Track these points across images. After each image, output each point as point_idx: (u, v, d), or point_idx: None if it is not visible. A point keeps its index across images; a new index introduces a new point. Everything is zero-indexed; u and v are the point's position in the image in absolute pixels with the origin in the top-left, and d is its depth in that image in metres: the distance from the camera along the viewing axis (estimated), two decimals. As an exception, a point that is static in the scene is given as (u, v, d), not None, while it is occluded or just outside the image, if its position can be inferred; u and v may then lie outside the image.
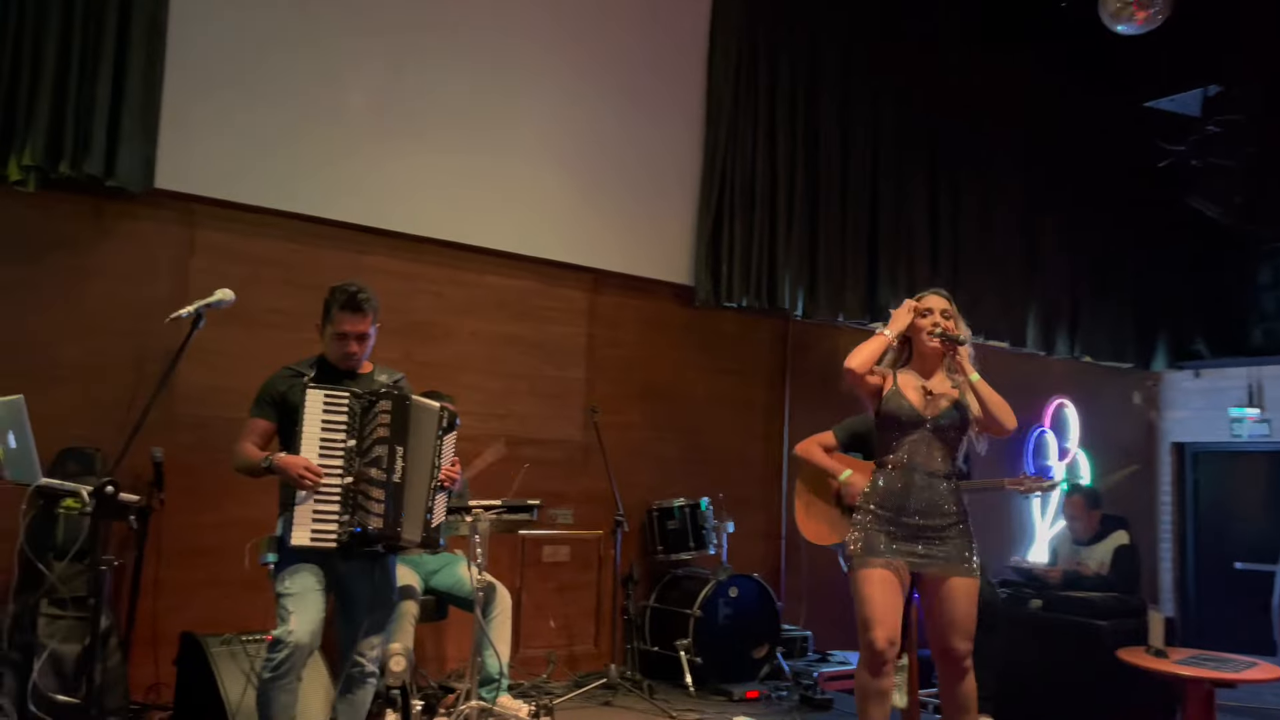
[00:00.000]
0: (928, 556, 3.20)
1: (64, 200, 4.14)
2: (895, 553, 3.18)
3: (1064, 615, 4.56)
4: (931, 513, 3.22)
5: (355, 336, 3.27)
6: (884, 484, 3.27)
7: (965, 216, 7.03)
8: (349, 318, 3.25)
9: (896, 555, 3.18)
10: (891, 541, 3.20)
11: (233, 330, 4.34)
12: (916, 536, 3.21)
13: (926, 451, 3.26)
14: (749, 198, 6.01)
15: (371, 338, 3.33)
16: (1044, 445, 7.69)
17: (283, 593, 3.11)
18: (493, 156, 5.24)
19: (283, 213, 4.64)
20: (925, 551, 3.20)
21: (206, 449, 4.23)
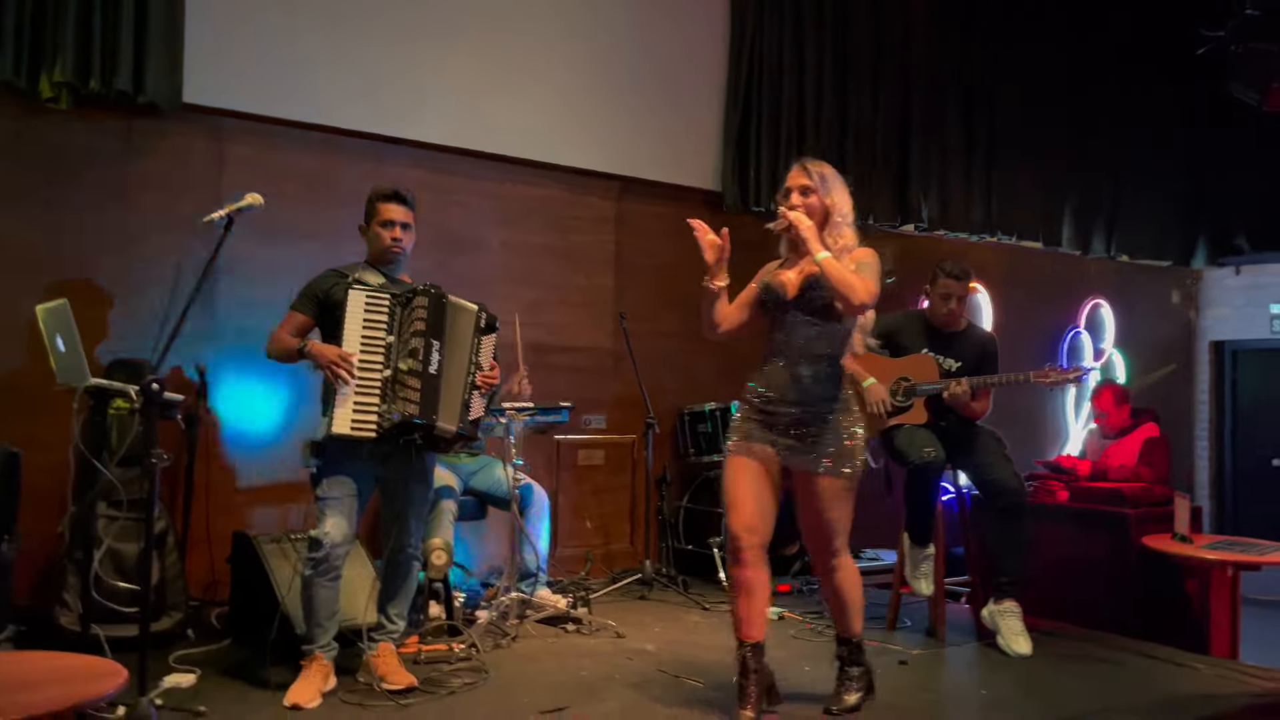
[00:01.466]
0: (792, 450, 3.03)
1: (97, 117, 4.22)
2: (764, 440, 3.04)
3: (1090, 504, 4.61)
4: (805, 401, 3.03)
5: (401, 224, 3.39)
6: (764, 372, 3.12)
7: (1001, 111, 6.89)
8: (394, 206, 3.40)
9: (764, 444, 3.03)
10: (763, 430, 3.05)
11: (267, 243, 4.44)
12: (789, 427, 3.03)
13: (801, 336, 3.07)
14: (776, 99, 5.94)
15: (414, 234, 3.44)
16: (1079, 346, 7.65)
17: (321, 495, 3.26)
18: (515, 63, 5.22)
19: (311, 125, 4.69)
20: (790, 445, 3.03)
21: (248, 357, 4.35)
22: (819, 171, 3.14)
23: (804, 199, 3.10)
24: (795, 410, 3.02)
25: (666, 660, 3.77)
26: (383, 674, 3.29)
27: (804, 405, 3.02)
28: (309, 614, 3.26)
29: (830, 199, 3.09)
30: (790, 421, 3.02)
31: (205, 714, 2.98)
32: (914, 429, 4.18)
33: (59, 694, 1.85)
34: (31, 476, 3.51)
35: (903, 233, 6.67)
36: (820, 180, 3.12)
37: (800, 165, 3.17)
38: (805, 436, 3.02)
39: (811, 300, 3.05)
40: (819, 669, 3.67)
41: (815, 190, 3.10)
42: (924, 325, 4.38)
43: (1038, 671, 3.78)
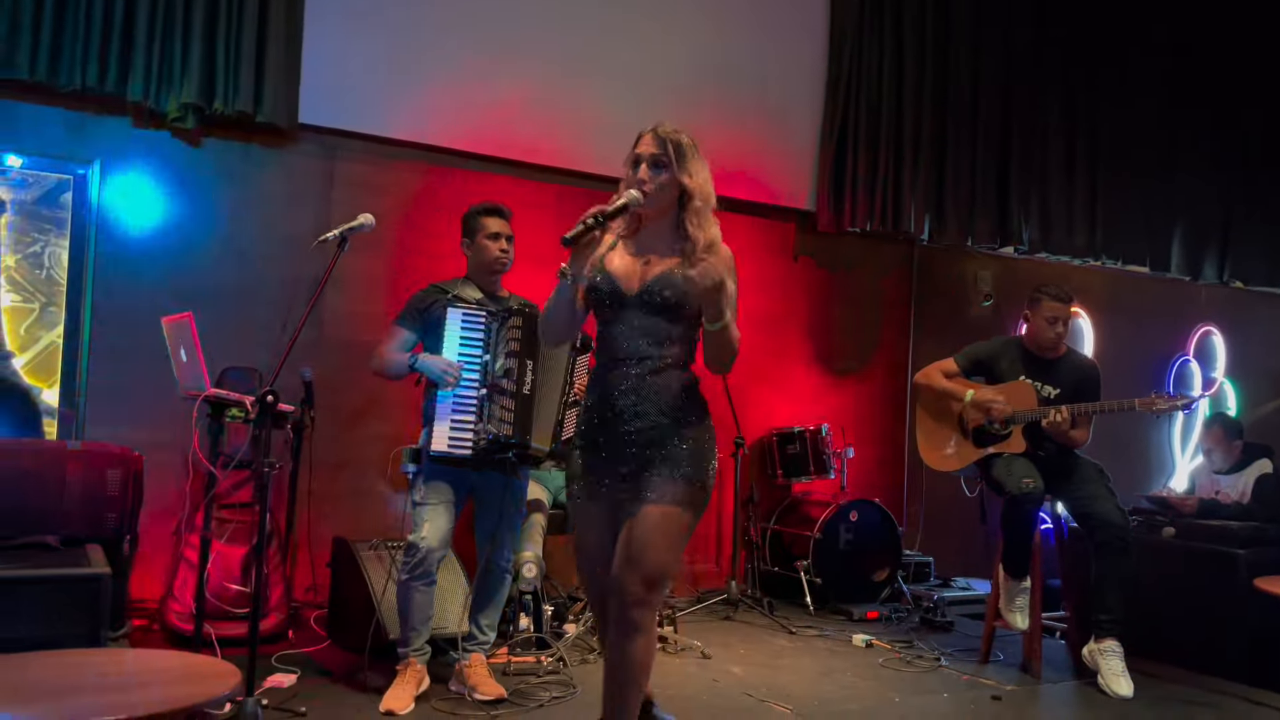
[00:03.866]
0: (628, 480, 2.46)
1: (219, 136, 4.43)
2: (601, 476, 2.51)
3: (1198, 543, 4.43)
4: (642, 416, 2.45)
5: (506, 236, 3.49)
6: (593, 386, 2.56)
7: (1106, 131, 6.69)
8: (496, 220, 3.51)
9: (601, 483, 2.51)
10: (599, 462, 2.51)
11: (371, 259, 4.60)
12: (625, 450, 2.47)
13: (640, 335, 2.48)
14: (874, 118, 5.89)
15: (513, 247, 3.54)
16: (1186, 374, 7.37)
17: (418, 501, 3.35)
18: (611, 82, 5.29)
19: (415, 144, 4.83)
20: (627, 471, 2.47)
21: (351, 369, 4.50)
22: (675, 140, 2.51)
23: (654, 176, 2.49)
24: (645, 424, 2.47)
25: (753, 684, 3.75)
26: (474, 684, 3.35)
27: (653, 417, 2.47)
28: (404, 618, 3.35)
29: (689, 177, 2.50)
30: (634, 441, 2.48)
31: (305, 715, 3.09)
32: (1012, 458, 4.09)
33: (179, 693, 1.95)
34: (148, 479, 3.69)
35: (1002, 255, 6.54)
36: (675, 152, 2.50)
37: (653, 131, 2.53)
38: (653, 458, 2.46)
39: (664, 286, 2.48)
40: (908, 701, 3.61)
41: (668, 165, 2.50)
42: (1021, 352, 4.28)
43: (1138, 714, 3.65)
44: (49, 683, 1.99)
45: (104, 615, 2.42)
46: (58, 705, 1.88)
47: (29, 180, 4.14)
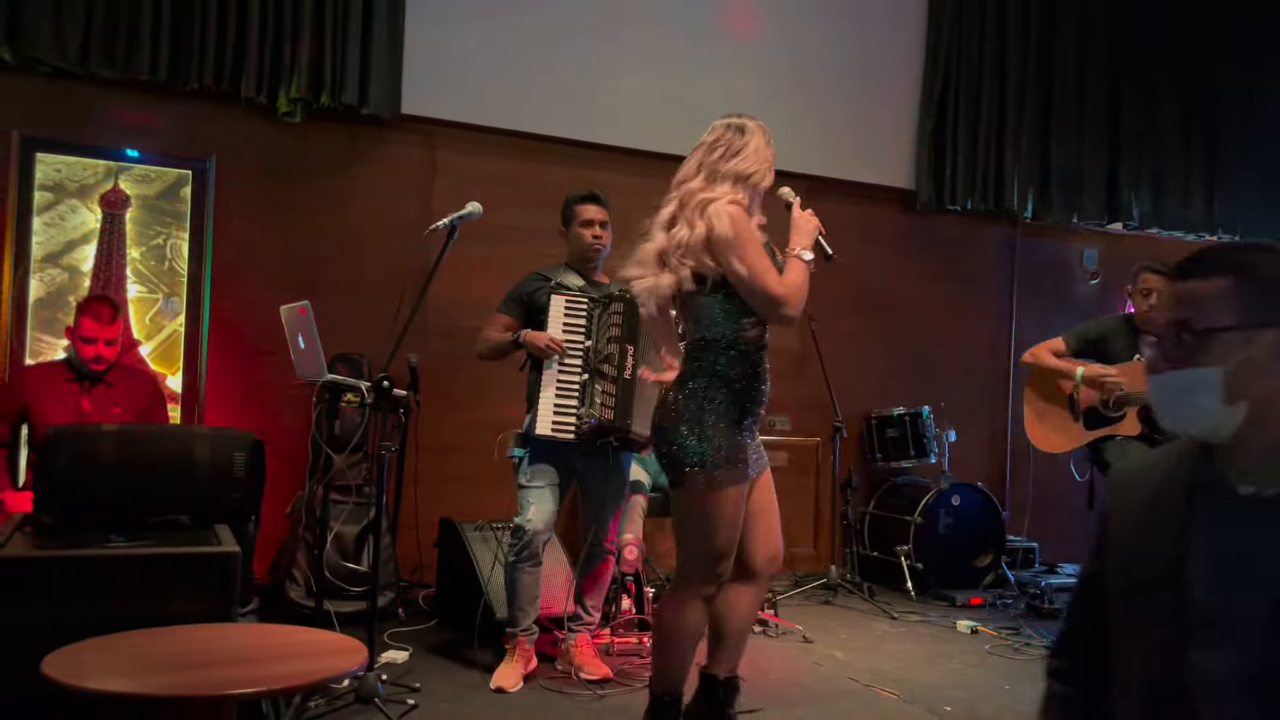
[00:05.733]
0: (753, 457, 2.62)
1: (324, 129, 4.56)
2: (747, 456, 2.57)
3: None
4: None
5: (600, 223, 3.51)
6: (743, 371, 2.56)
7: (1222, 99, 6.37)
8: (591, 207, 3.54)
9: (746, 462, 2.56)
10: (744, 444, 2.57)
11: (473, 246, 4.64)
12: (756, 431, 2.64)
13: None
14: (974, 95, 5.74)
15: (610, 233, 3.55)
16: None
17: (524, 485, 3.41)
18: (707, 66, 5.27)
19: (514, 132, 4.90)
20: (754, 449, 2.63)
21: (454, 356, 4.59)
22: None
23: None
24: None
25: (857, 668, 3.73)
26: (580, 663, 3.41)
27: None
28: (512, 598, 3.43)
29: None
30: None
31: (420, 690, 3.18)
32: (1126, 441, 3.97)
33: (310, 668, 2.02)
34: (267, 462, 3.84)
35: (1110, 231, 6.31)
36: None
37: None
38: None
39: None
40: (1020, 689, 3.54)
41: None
42: (1133, 330, 4.14)
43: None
44: (187, 656, 2.09)
45: (235, 592, 2.52)
46: (197, 678, 1.98)
47: (151, 176, 4.33)
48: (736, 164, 2.61)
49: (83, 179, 4.21)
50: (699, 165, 2.65)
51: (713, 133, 2.69)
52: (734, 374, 2.52)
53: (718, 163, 2.62)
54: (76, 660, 1.98)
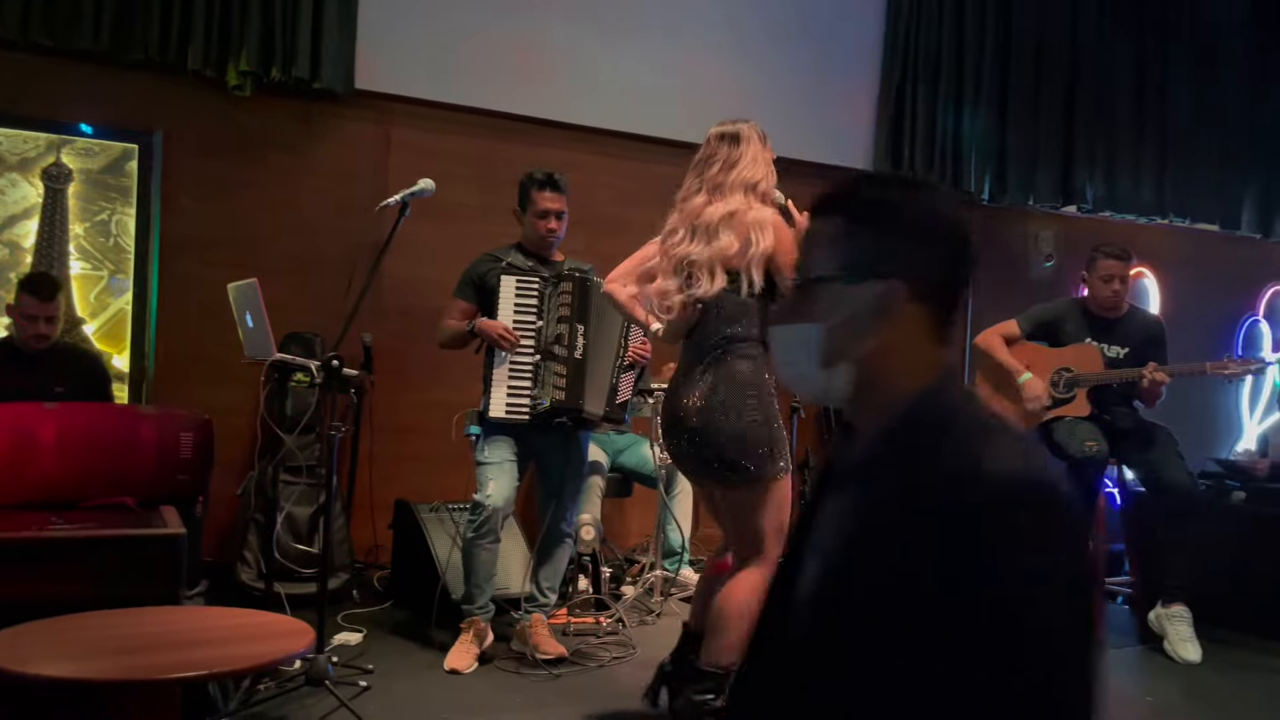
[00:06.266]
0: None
1: (276, 103, 4.46)
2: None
3: (1269, 507, 4.33)
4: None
5: (555, 214, 3.46)
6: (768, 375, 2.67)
7: (1176, 84, 6.45)
8: (549, 195, 3.47)
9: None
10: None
11: (428, 224, 4.59)
12: None
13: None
14: (933, 75, 5.76)
15: (565, 220, 3.52)
16: (1256, 336, 7.16)
17: (482, 461, 3.39)
18: (663, 42, 5.24)
19: (470, 109, 4.83)
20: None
21: (410, 335, 4.54)
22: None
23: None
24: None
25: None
26: (536, 643, 3.40)
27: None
28: (469, 576, 3.41)
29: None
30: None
31: (373, 672, 3.16)
32: (1075, 422, 4.02)
33: (256, 650, 2.00)
34: (216, 442, 3.77)
35: (1064, 214, 6.38)
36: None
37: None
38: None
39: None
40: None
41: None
42: (1084, 313, 4.19)
43: (1206, 680, 3.59)
44: (129, 640, 2.05)
45: (181, 574, 2.48)
46: (139, 661, 1.94)
47: (95, 150, 4.22)
48: (739, 174, 2.64)
49: (23, 152, 4.09)
50: (699, 182, 2.68)
51: (706, 148, 2.72)
52: (766, 367, 2.60)
53: (718, 176, 2.65)
54: (16, 644, 1.93)
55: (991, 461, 1.00)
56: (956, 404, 1.08)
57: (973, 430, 1.04)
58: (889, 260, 1.07)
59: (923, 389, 1.08)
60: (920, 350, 1.09)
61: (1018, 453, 1.03)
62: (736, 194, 2.62)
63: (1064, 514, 1.00)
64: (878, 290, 1.07)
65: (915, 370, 1.09)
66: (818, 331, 1.09)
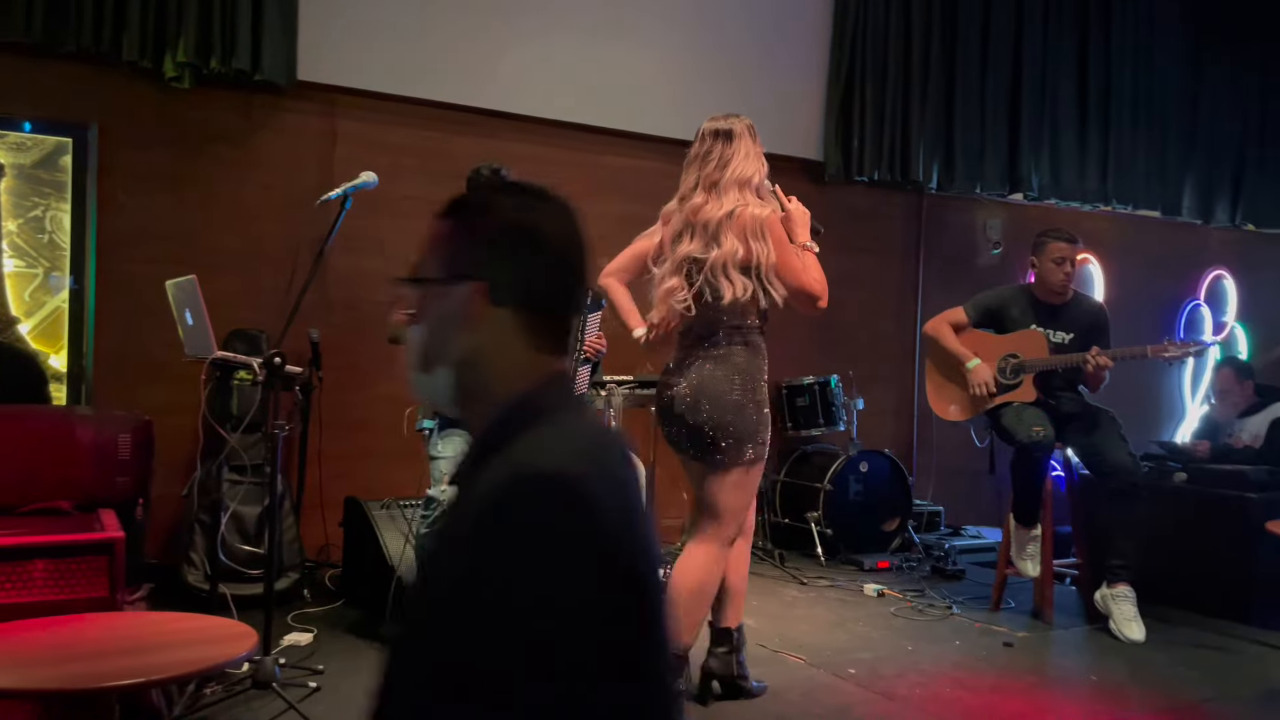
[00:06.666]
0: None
1: (216, 96, 4.37)
2: None
3: (1211, 488, 4.43)
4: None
5: None
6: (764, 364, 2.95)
7: (1118, 74, 6.57)
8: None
9: None
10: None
11: (376, 217, 4.54)
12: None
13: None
14: (881, 65, 5.80)
15: None
16: (1197, 320, 7.32)
17: (436, 455, 3.36)
18: (612, 35, 5.21)
19: (417, 100, 4.77)
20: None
21: (358, 330, 4.48)
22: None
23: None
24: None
25: (766, 634, 3.77)
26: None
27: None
28: None
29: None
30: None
31: (323, 672, 3.11)
32: (1022, 407, 4.08)
33: (197, 655, 1.95)
34: (158, 442, 3.69)
35: (1011, 202, 6.46)
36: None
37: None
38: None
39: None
40: (922, 649, 3.64)
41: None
42: (1030, 299, 4.25)
43: (1150, 658, 3.67)
44: (67, 648, 2.00)
45: (120, 579, 2.43)
46: (76, 670, 1.89)
47: (27, 144, 4.10)
48: (733, 171, 2.78)
49: (-48, 147, 3.96)
50: (696, 180, 2.83)
51: (702, 143, 2.85)
52: (762, 355, 2.87)
53: (714, 173, 2.80)
54: (-56, 656, 1.87)
55: (532, 462, 0.98)
56: (545, 409, 1.06)
57: (546, 435, 1.03)
58: (475, 263, 1.08)
59: (518, 394, 1.07)
60: (516, 356, 1.09)
61: (573, 455, 1.00)
62: (732, 191, 2.77)
63: (587, 520, 0.95)
64: (464, 293, 1.07)
65: (511, 376, 1.08)
66: (419, 333, 1.10)
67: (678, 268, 2.84)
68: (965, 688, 3.25)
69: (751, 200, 2.79)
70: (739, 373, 2.79)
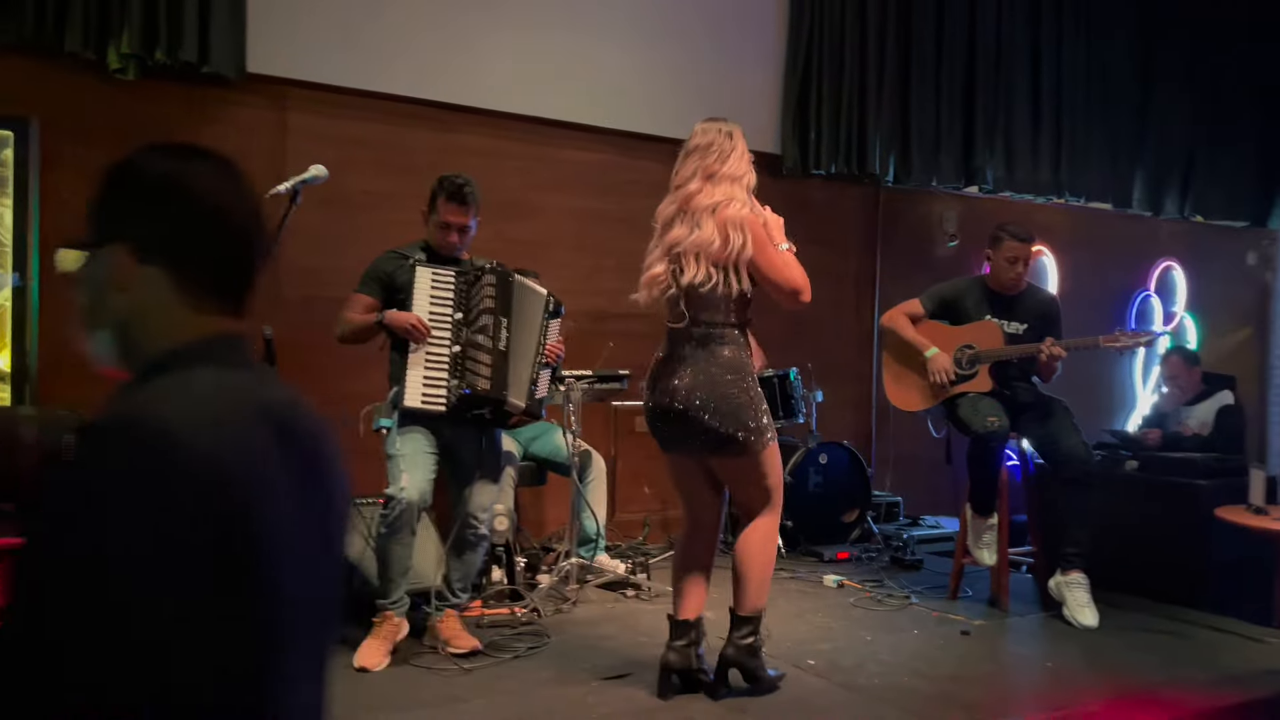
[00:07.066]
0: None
1: (163, 88, 4.28)
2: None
3: (1161, 476, 4.50)
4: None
5: (458, 228, 3.41)
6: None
7: (1070, 68, 6.66)
8: (453, 209, 3.40)
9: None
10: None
11: (330, 212, 4.48)
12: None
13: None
14: (837, 59, 5.82)
15: (472, 230, 3.46)
16: (1148, 310, 7.45)
17: (394, 454, 3.32)
18: (569, 26, 5.19)
19: (371, 93, 4.71)
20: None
21: (312, 327, 4.39)
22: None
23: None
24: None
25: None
26: (448, 638, 3.35)
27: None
28: (383, 570, 3.34)
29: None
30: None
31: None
32: (978, 398, 4.12)
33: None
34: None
35: (966, 194, 6.53)
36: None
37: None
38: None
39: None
40: (880, 639, 3.66)
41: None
42: (985, 290, 4.29)
43: (1103, 644, 3.73)
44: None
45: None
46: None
47: (-34, 138, 3.98)
48: (730, 166, 2.91)
49: (-114, 141, 3.84)
50: (695, 169, 2.92)
51: (705, 135, 2.96)
52: (748, 348, 2.99)
53: (713, 165, 2.91)
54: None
55: (120, 410, 0.98)
56: (187, 364, 1.05)
57: (160, 386, 1.02)
58: (122, 223, 1.07)
59: (165, 352, 1.07)
60: (171, 315, 1.07)
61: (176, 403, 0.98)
62: (724, 184, 2.89)
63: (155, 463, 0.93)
64: (113, 253, 1.07)
65: (163, 335, 1.07)
66: (81, 296, 1.10)
67: (665, 254, 2.94)
68: (923, 677, 3.28)
69: (739, 196, 2.90)
70: (731, 368, 2.90)
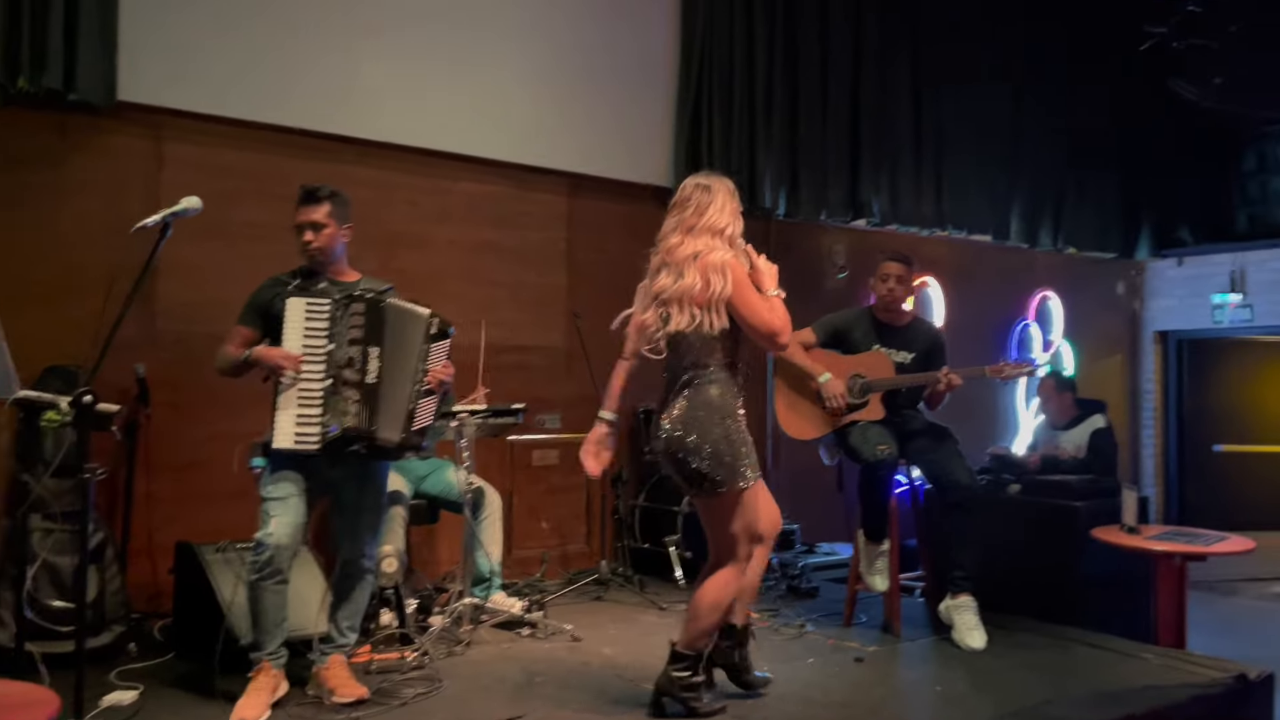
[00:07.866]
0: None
1: (26, 117, 4.07)
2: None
3: (1040, 498, 4.66)
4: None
5: (309, 225, 3.28)
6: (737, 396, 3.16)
7: (949, 107, 6.93)
8: (302, 208, 3.31)
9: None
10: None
11: (209, 245, 4.32)
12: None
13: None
14: (727, 94, 5.92)
15: (333, 230, 3.30)
16: (1028, 338, 7.75)
17: (266, 496, 3.19)
18: (460, 59, 5.15)
19: (252, 123, 4.57)
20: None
21: (189, 363, 4.24)
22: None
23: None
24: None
25: (624, 664, 3.73)
26: (333, 686, 3.22)
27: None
28: (256, 620, 3.19)
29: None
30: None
31: (147, 733, 2.89)
32: (868, 426, 4.20)
33: (-16, 726, 1.77)
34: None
35: (855, 228, 6.70)
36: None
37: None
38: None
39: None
40: (775, 669, 3.66)
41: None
42: (873, 321, 4.40)
43: (990, 665, 3.81)
44: None
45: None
46: None
47: None
48: (708, 219, 3.08)
49: None
50: (675, 224, 3.13)
51: (683, 192, 3.17)
52: (736, 390, 3.10)
53: (690, 219, 3.10)
54: None
55: None
56: None
57: None
58: None
59: None
60: None
61: None
62: (704, 236, 3.06)
63: None
64: None
65: None
66: None
67: (651, 303, 3.12)
68: (817, 705, 3.29)
69: (719, 246, 3.06)
70: (715, 409, 3.01)
